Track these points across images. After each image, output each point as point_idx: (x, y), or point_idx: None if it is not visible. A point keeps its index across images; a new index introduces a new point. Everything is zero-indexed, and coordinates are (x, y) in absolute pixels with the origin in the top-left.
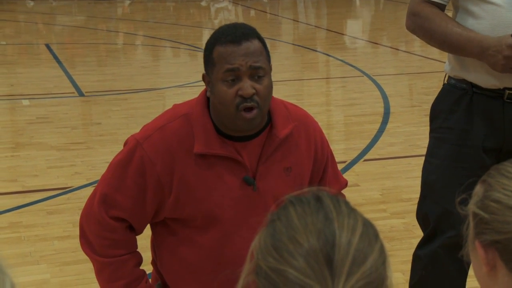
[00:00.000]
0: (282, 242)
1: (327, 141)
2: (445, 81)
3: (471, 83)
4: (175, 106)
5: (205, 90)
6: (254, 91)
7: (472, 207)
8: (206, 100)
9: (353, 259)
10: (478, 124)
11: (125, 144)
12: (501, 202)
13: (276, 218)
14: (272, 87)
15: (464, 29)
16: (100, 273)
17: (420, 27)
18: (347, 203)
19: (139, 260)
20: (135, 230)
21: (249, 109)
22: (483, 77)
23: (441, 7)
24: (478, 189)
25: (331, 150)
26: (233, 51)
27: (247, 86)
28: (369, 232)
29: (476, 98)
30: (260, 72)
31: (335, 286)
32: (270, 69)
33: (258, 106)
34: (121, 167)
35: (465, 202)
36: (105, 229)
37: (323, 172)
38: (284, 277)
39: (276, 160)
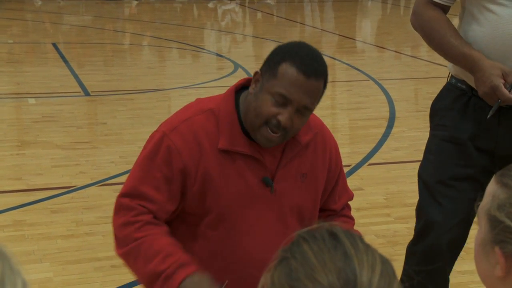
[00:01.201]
0: (300, 281)
1: (340, 157)
2: (448, 78)
3: (470, 85)
4: (198, 100)
5: (234, 88)
6: (291, 124)
7: (493, 210)
8: (234, 97)
9: None
10: (471, 123)
11: (148, 141)
12: None
13: (290, 256)
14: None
15: (460, 42)
16: (137, 261)
17: (421, 28)
18: (361, 239)
19: (173, 239)
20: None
21: (276, 132)
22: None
23: (445, 9)
24: (497, 191)
25: (342, 168)
26: (298, 82)
27: (287, 117)
28: (388, 269)
29: (473, 100)
30: (307, 112)
31: None
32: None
33: (284, 134)
34: (148, 160)
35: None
36: (134, 214)
37: (335, 183)
38: None
39: (294, 165)
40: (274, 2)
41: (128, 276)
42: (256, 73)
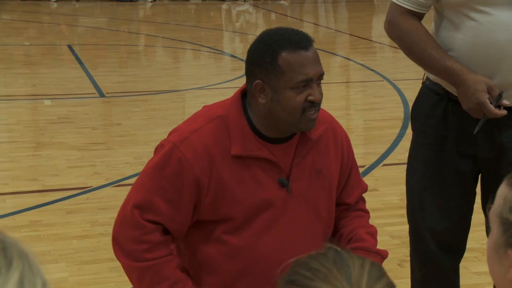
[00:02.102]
0: None
1: (352, 149)
2: (424, 79)
3: (446, 90)
4: (206, 108)
5: (240, 91)
6: (321, 96)
7: (505, 213)
8: (241, 101)
9: None
10: (452, 130)
11: (157, 150)
12: None
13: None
14: None
15: (442, 55)
16: (141, 280)
17: (399, 40)
18: (373, 270)
19: (179, 262)
20: (171, 235)
21: (314, 110)
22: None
23: (421, 16)
24: (508, 194)
25: (355, 161)
26: (305, 59)
27: (318, 93)
28: None
29: (451, 105)
30: (322, 77)
31: None
32: None
33: (319, 108)
34: (157, 170)
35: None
36: (142, 233)
37: (348, 176)
38: None
39: (308, 162)
40: (288, 2)
41: None
42: (256, 84)
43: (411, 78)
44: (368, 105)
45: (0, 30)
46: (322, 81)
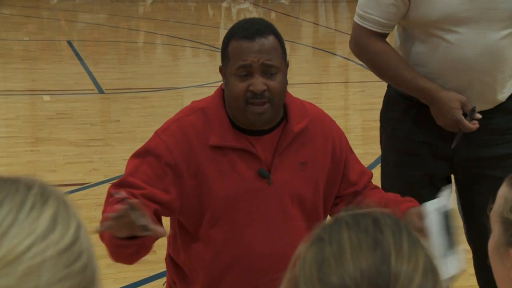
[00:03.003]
0: (327, 276)
1: (345, 138)
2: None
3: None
4: (192, 102)
5: (222, 85)
6: (265, 87)
7: (506, 213)
8: (222, 94)
9: None
10: (426, 133)
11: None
12: None
13: (327, 238)
14: (286, 83)
15: (414, 75)
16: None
17: (369, 62)
18: (409, 235)
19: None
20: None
21: (259, 103)
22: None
23: (385, 36)
24: (509, 194)
25: (350, 147)
26: (247, 47)
27: (258, 82)
28: (428, 279)
29: (423, 110)
30: (273, 70)
31: None
32: (286, 65)
33: (270, 101)
34: (139, 157)
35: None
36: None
37: (344, 168)
38: None
39: (291, 154)
40: (288, 2)
41: (141, 274)
42: (220, 68)
43: None
44: (367, 105)
45: (0, 24)
46: (322, 82)
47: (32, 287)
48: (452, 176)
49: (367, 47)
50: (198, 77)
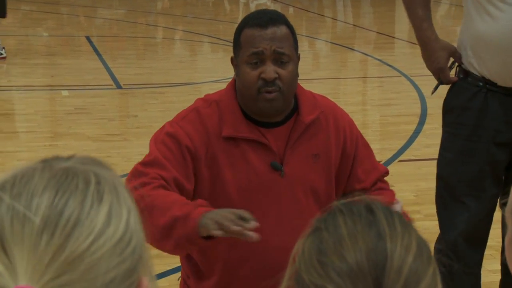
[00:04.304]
0: (327, 257)
1: (357, 131)
2: (457, 72)
3: (485, 79)
4: (206, 95)
5: (234, 76)
6: (276, 75)
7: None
8: (235, 86)
9: (404, 285)
10: (490, 120)
11: (159, 130)
12: None
13: (323, 226)
14: (297, 75)
15: (424, 15)
16: (152, 212)
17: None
18: (401, 218)
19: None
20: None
21: (270, 91)
22: (501, 75)
23: None
24: None
25: (364, 140)
26: (259, 34)
27: (269, 70)
28: (423, 254)
29: (490, 95)
30: (284, 58)
31: None
32: (298, 58)
33: (280, 90)
34: (157, 142)
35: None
36: (149, 177)
37: (353, 160)
38: None
39: (303, 145)
40: None
41: (158, 268)
42: (231, 59)
43: (429, 74)
44: (385, 101)
45: (20, 21)
46: (340, 77)
47: (92, 278)
48: None
49: None
50: (216, 72)
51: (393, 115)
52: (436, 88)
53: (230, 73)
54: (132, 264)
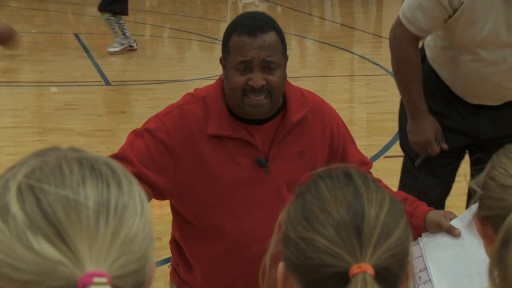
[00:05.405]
0: (312, 213)
1: (344, 126)
2: (427, 59)
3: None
4: (195, 90)
5: (223, 75)
6: (264, 82)
7: (474, 184)
8: (222, 83)
9: (380, 232)
10: (454, 110)
11: (145, 123)
12: (496, 180)
13: (306, 191)
14: (285, 77)
15: (419, 93)
16: None
17: (397, 59)
18: (374, 181)
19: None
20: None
21: (257, 95)
22: (466, 96)
23: (420, 40)
24: (487, 167)
25: (350, 136)
26: (248, 43)
27: (257, 78)
28: (396, 208)
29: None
30: (272, 65)
31: (363, 255)
32: (286, 59)
33: (269, 94)
34: (136, 134)
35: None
36: None
37: (342, 157)
38: (313, 245)
39: (289, 143)
40: None
41: None
42: (220, 59)
43: None
44: (371, 99)
45: (8, 17)
46: (328, 75)
47: (141, 257)
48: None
49: (406, 49)
50: (204, 70)
51: (380, 113)
52: (422, 159)
53: (218, 71)
54: (152, 239)
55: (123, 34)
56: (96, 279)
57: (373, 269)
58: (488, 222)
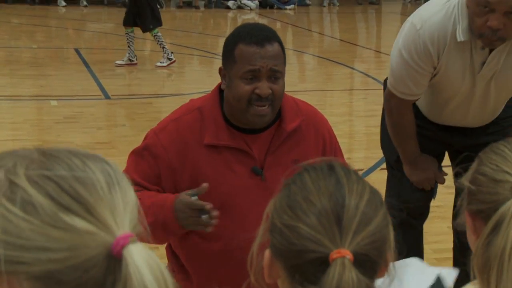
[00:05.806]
0: (296, 202)
1: (335, 137)
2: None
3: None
4: (191, 100)
5: (219, 84)
6: (270, 91)
7: (464, 181)
8: (219, 93)
9: (360, 220)
10: (429, 123)
11: (144, 139)
12: (487, 175)
13: (291, 182)
14: (284, 87)
15: (414, 151)
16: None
17: (393, 123)
18: (356, 173)
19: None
20: None
21: (263, 105)
22: (438, 121)
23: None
24: (473, 165)
25: (339, 147)
26: (257, 52)
27: (264, 86)
28: (376, 198)
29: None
30: (278, 74)
31: (343, 242)
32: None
33: (272, 104)
34: (137, 154)
35: (460, 176)
36: None
37: None
38: (297, 232)
39: (284, 152)
40: (293, 12)
41: None
42: (220, 69)
43: None
44: (369, 112)
45: (9, 33)
46: (326, 89)
47: (138, 216)
48: None
49: (402, 116)
50: (203, 84)
51: (377, 126)
52: (436, 191)
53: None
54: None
55: (128, 47)
56: (131, 238)
57: (352, 254)
58: (479, 216)
